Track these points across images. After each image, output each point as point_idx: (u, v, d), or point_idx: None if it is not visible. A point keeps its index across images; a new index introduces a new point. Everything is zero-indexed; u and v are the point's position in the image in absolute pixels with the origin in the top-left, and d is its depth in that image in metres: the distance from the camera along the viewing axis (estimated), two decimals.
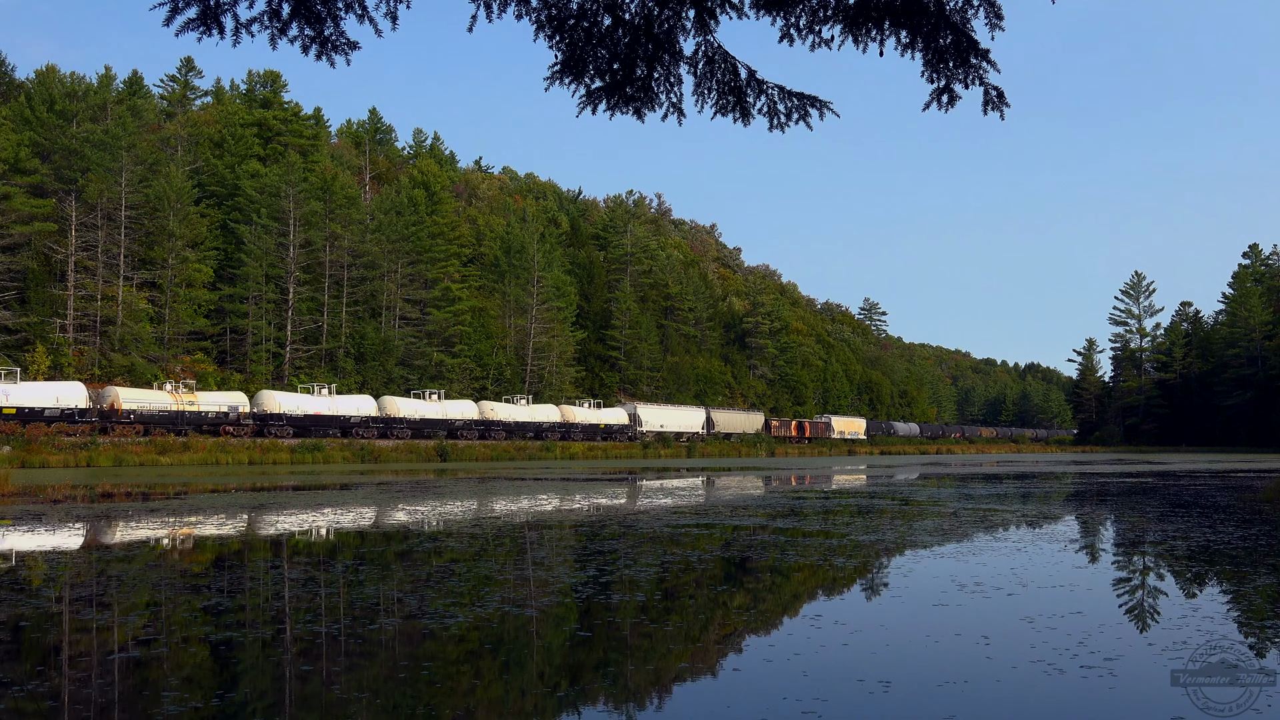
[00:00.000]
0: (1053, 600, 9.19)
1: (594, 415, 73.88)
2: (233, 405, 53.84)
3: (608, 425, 74.32)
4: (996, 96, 6.20)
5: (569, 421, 71.07)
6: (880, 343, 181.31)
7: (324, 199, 68.81)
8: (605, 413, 75.62)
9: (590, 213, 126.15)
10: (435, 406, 62.88)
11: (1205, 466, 51.19)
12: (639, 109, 6.58)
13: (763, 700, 5.86)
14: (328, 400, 57.86)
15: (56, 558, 12.28)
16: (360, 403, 59.47)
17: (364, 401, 59.79)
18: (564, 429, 70.51)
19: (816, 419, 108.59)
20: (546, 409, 70.92)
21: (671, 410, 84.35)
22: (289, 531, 15.80)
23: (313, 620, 8.24)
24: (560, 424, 70.42)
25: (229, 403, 53.85)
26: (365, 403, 59.73)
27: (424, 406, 62.55)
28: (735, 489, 29.49)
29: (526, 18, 6.23)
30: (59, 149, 58.13)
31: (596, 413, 74.54)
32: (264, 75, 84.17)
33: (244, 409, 54.00)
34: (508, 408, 67.53)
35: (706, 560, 12.20)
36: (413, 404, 62.07)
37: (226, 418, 52.98)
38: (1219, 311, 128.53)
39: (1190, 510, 20.08)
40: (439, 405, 63.18)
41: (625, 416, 76.85)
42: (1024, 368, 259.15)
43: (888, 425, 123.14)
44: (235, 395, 54.92)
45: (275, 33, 5.89)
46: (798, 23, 6.19)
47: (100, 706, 5.68)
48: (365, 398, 60.49)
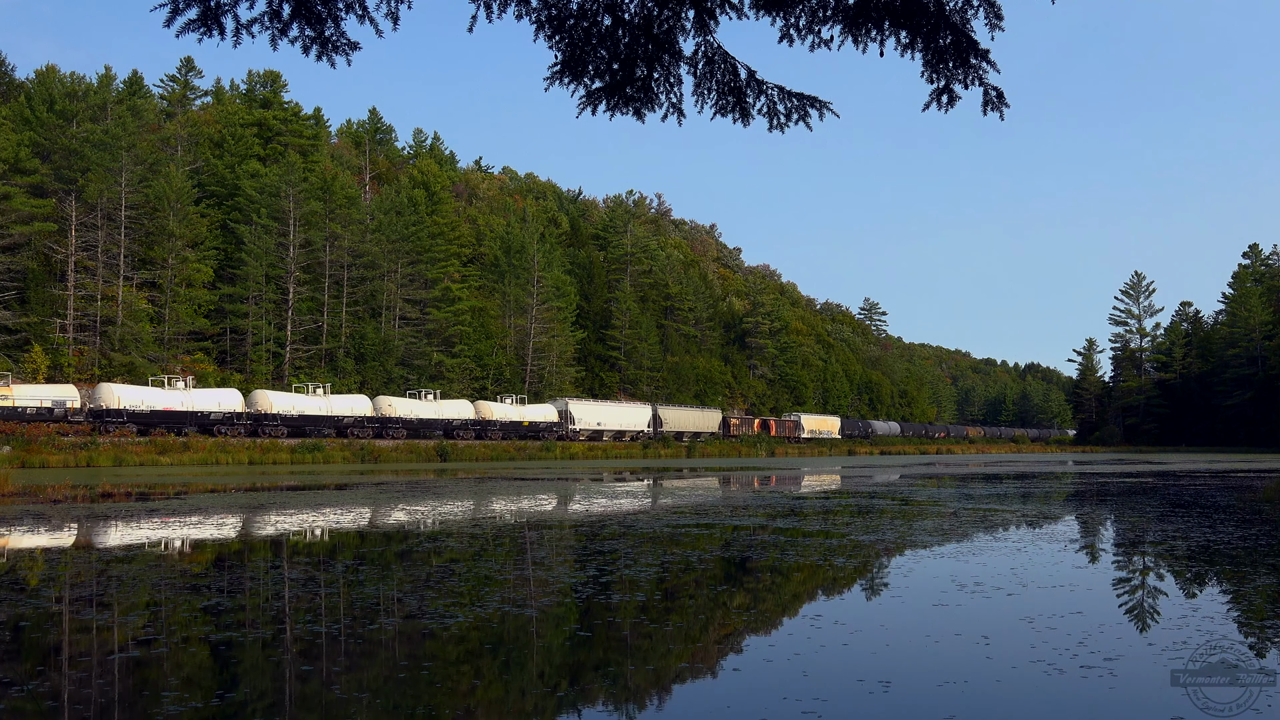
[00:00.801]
0: (1053, 600, 9.19)
1: (515, 412, 68.29)
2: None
3: (533, 423, 68.88)
4: (996, 97, 6.20)
5: (484, 419, 65.58)
6: (880, 343, 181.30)
7: (324, 199, 68.81)
8: (529, 409, 69.96)
9: (590, 213, 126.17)
10: (320, 402, 57.61)
11: (1205, 466, 51.19)
12: (639, 109, 6.58)
13: (763, 700, 5.86)
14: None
15: (57, 558, 12.28)
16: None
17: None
18: (478, 426, 64.87)
19: (785, 417, 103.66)
20: (457, 404, 65.39)
21: (609, 407, 77.65)
22: (289, 531, 15.80)
23: (313, 620, 8.25)
24: (474, 421, 64.85)
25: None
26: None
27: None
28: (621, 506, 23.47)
29: (526, 18, 6.23)
30: (59, 149, 58.14)
31: (518, 409, 68.92)
32: (264, 75, 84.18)
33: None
34: (410, 403, 62.03)
35: (706, 560, 12.20)
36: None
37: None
38: (1219, 311, 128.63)
39: (1190, 510, 20.08)
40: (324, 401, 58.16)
41: (554, 414, 71.28)
42: (1024, 368, 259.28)
43: (865, 424, 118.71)
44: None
45: (275, 33, 5.89)
46: (797, 23, 6.20)
47: (100, 706, 5.68)
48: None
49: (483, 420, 65.08)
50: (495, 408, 66.80)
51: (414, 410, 61.29)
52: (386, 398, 60.85)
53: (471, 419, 64.34)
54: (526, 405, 70.37)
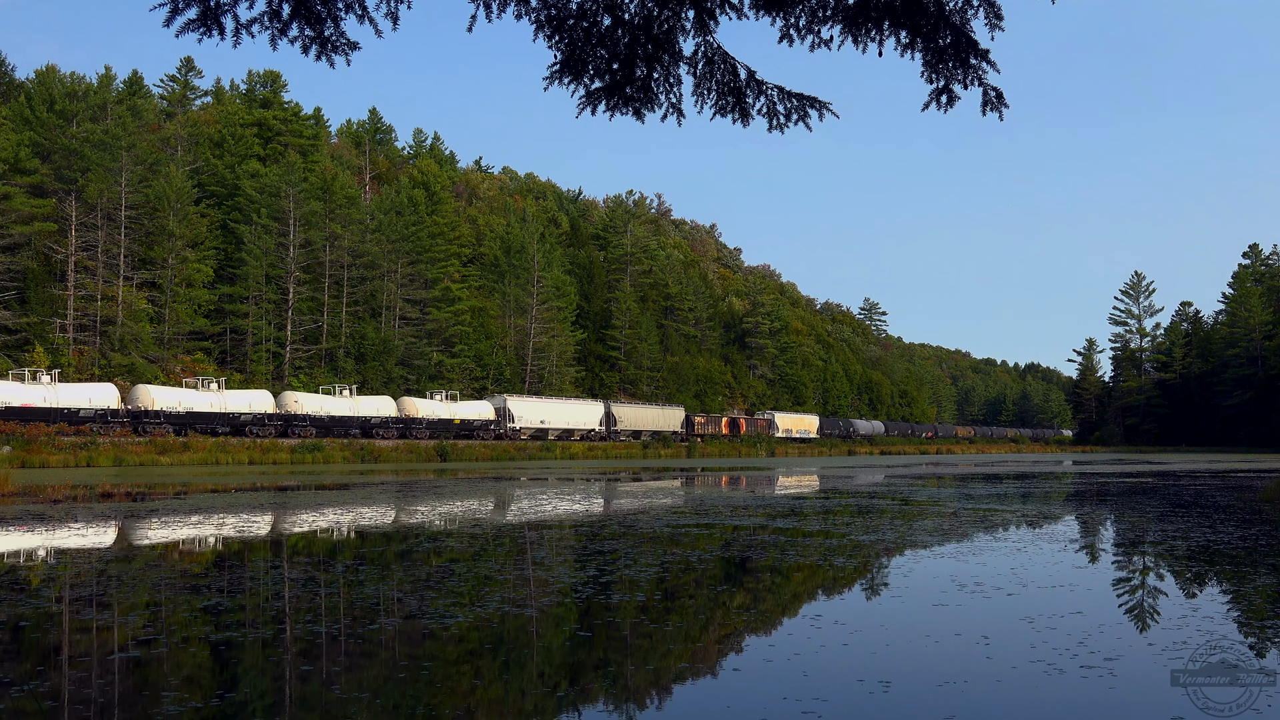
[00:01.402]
0: (1053, 600, 9.19)
1: (444, 409, 63.68)
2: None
3: (465, 421, 64.37)
4: (996, 97, 6.20)
5: (408, 416, 61.25)
6: (880, 343, 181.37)
7: (324, 199, 68.82)
8: (461, 406, 65.32)
9: (590, 213, 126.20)
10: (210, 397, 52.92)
11: (1205, 466, 51.19)
12: (638, 109, 6.58)
13: (763, 700, 5.86)
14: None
15: (56, 558, 12.28)
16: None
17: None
18: (400, 425, 60.69)
19: (757, 415, 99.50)
20: (377, 401, 60.70)
21: (554, 404, 73.39)
22: (289, 531, 15.80)
23: (313, 620, 8.25)
24: (396, 419, 60.62)
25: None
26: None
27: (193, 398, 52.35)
28: None
29: (526, 18, 6.23)
30: (59, 149, 58.13)
31: (448, 406, 64.23)
32: (264, 75, 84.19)
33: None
34: (320, 399, 57.68)
35: (706, 560, 12.20)
36: None
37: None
38: (1219, 311, 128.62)
39: (1190, 510, 20.08)
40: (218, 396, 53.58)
41: (490, 411, 66.80)
42: (1024, 368, 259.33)
43: (846, 423, 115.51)
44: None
45: (275, 33, 5.89)
46: (797, 23, 6.20)
47: (100, 706, 5.68)
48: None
49: (406, 418, 60.96)
50: (421, 404, 62.69)
51: (324, 407, 57.10)
52: (292, 394, 56.90)
53: (393, 417, 60.35)
54: (458, 402, 65.84)
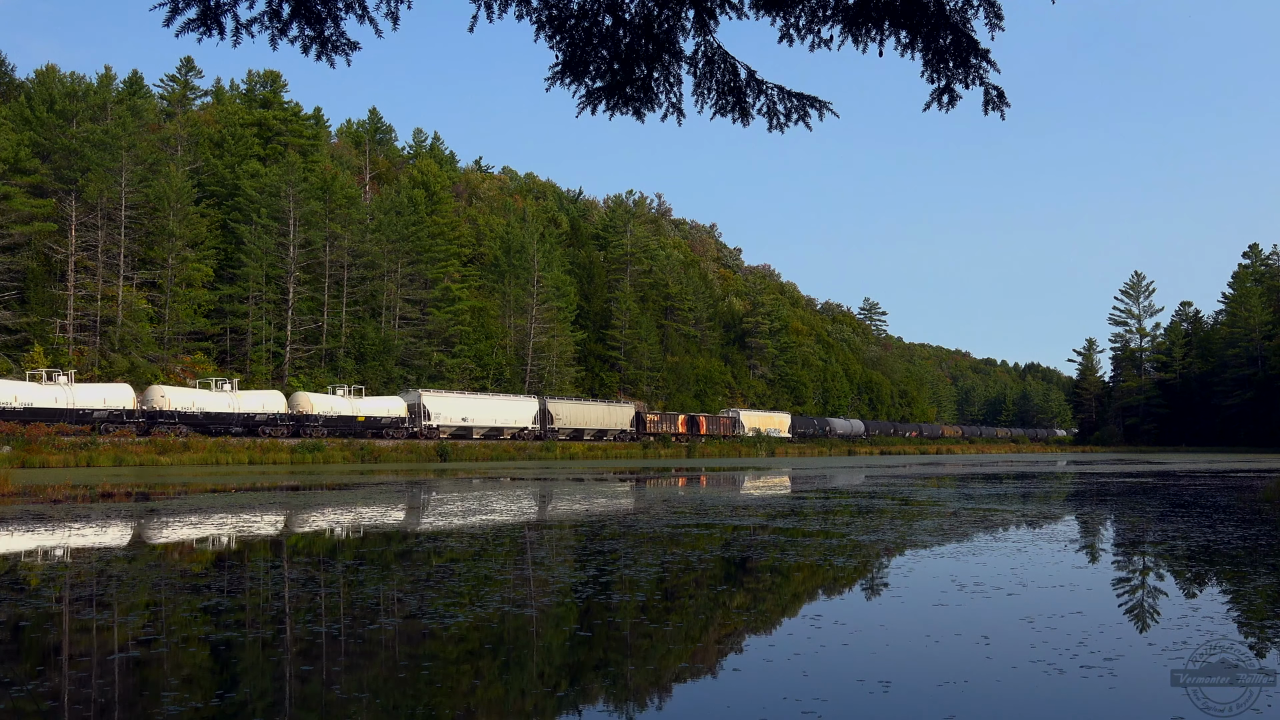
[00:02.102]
0: (1053, 600, 9.18)
1: (346, 404, 58.03)
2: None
3: (371, 418, 58.70)
4: (997, 96, 6.20)
5: (301, 412, 55.49)
6: (880, 343, 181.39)
7: (324, 199, 68.83)
8: (366, 402, 59.70)
9: (590, 213, 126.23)
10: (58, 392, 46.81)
11: (1205, 466, 51.18)
12: (638, 109, 6.58)
13: (763, 700, 5.86)
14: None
15: (57, 558, 12.28)
16: None
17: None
18: (291, 421, 54.81)
19: (721, 414, 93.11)
20: (262, 395, 55.28)
21: (479, 400, 67.23)
22: (289, 531, 15.80)
23: (313, 620, 8.24)
24: (287, 415, 54.78)
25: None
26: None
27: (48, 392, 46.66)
28: None
29: (527, 18, 6.23)
30: (59, 149, 58.15)
31: (350, 401, 58.58)
32: (264, 75, 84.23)
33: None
34: (192, 394, 52.33)
35: (706, 560, 12.19)
36: None
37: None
38: (1219, 311, 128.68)
39: (1190, 510, 20.08)
40: None
41: (401, 407, 61.18)
42: (1024, 368, 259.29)
43: (821, 422, 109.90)
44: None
45: (275, 33, 5.90)
46: (797, 23, 6.20)
47: (100, 706, 5.67)
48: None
49: (299, 414, 55.54)
50: (317, 399, 56.97)
51: (196, 402, 51.14)
52: (159, 388, 51.59)
53: (282, 413, 54.56)
54: (363, 397, 60.60)
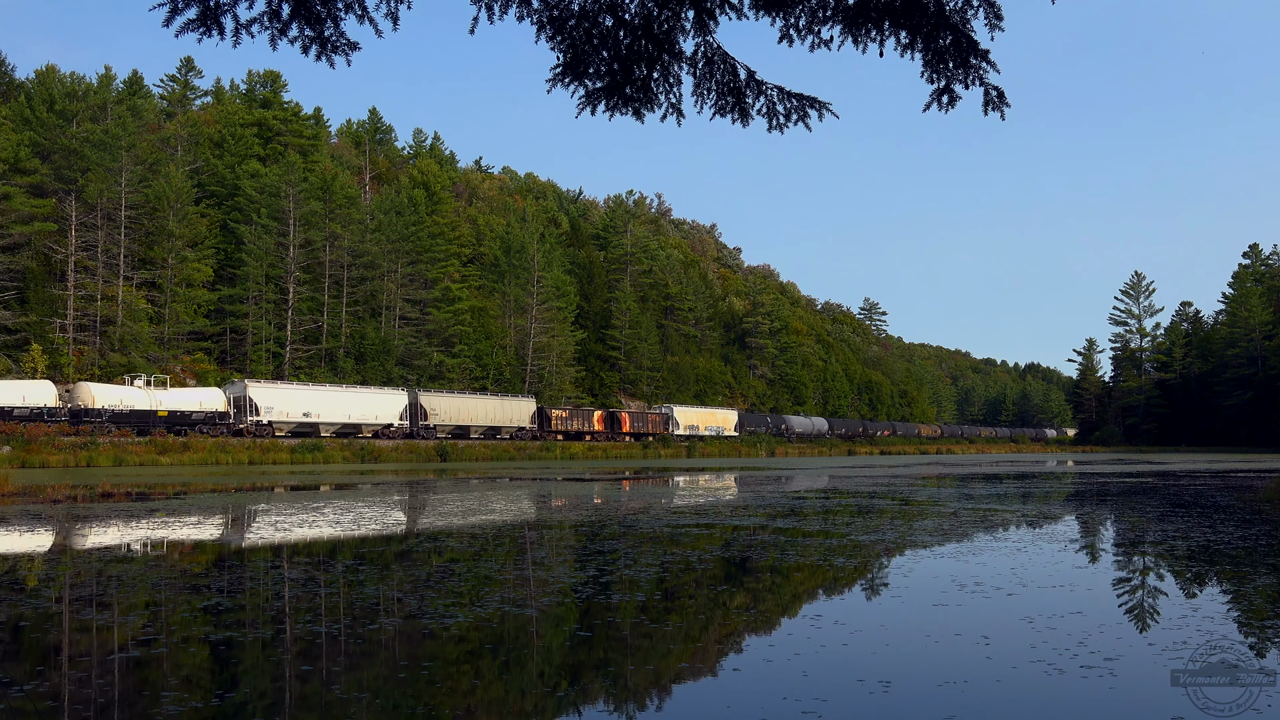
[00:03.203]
0: (1053, 600, 9.18)
1: (143, 397, 49.60)
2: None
3: (177, 413, 50.32)
4: (997, 97, 6.20)
5: (82, 406, 47.33)
6: (880, 343, 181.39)
7: (324, 199, 68.84)
8: (172, 394, 51.30)
9: (590, 213, 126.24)
10: None
11: (1205, 466, 51.17)
12: (638, 110, 6.59)
13: (763, 700, 5.86)
14: None
15: (57, 558, 12.28)
16: None
17: None
18: (67, 416, 46.58)
19: (651, 409, 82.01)
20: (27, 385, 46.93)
21: (327, 392, 58.60)
22: (289, 531, 15.79)
23: (313, 620, 8.24)
24: (57, 409, 46.41)
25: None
26: None
27: None
28: None
29: (528, 19, 6.23)
30: (59, 149, 58.16)
31: (150, 394, 50.04)
32: (264, 75, 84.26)
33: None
34: None
35: (706, 560, 12.19)
36: None
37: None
38: (1219, 311, 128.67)
39: (1190, 510, 20.08)
40: None
41: (220, 400, 52.78)
42: (1024, 368, 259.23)
43: (777, 419, 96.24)
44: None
45: (275, 33, 5.90)
46: (797, 23, 6.20)
47: (100, 706, 5.67)
48: None
49: (79, 408, 47.30)
50: (101, 391, 48.46)
51: None
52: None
53: (52, 406, 46.36)
54: (168, 389, 51.89)
